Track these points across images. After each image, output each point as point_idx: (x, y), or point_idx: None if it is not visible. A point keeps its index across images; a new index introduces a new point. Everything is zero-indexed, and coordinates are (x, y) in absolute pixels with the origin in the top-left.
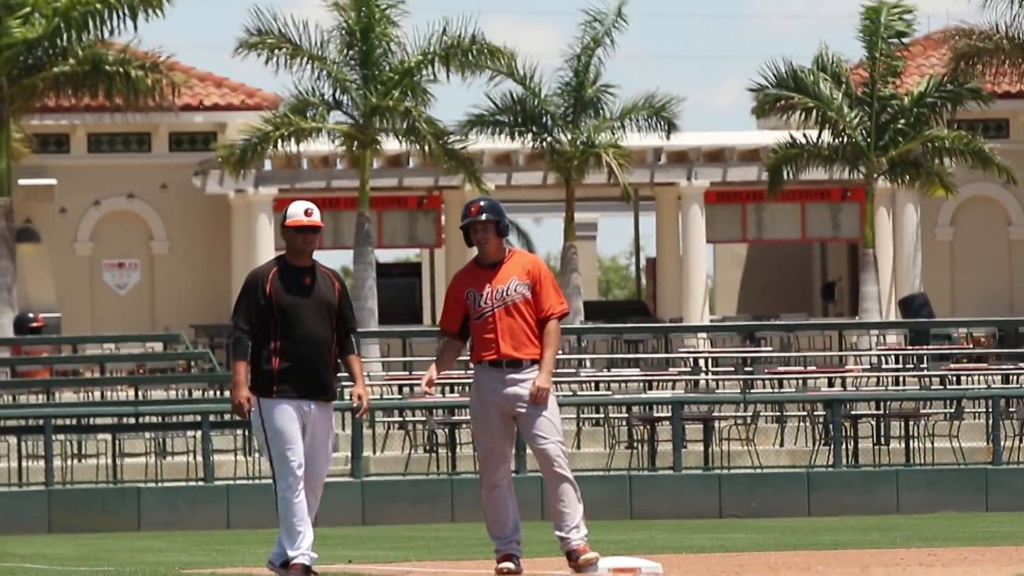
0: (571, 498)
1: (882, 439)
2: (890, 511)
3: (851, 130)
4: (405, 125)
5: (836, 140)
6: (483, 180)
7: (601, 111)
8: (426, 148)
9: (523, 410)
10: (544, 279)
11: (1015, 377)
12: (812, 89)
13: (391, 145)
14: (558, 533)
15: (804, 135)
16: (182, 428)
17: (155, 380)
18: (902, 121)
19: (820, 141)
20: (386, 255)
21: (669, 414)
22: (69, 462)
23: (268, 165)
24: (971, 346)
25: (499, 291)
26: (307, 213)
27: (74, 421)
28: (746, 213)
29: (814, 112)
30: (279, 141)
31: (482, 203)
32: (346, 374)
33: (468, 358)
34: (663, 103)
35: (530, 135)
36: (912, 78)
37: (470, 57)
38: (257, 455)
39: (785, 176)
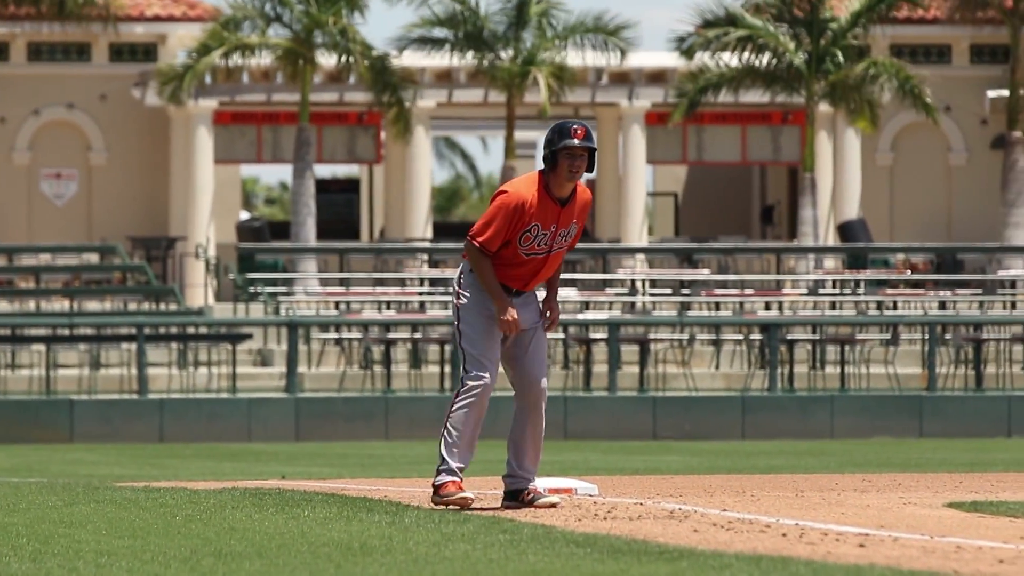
0: (542, 440)
1: (818, 364)
2: (824, 436)
3: (791, 54)
4: (342, 42)
5: (775, 64)
6: (423, 96)
7: (543, 29)
8: (360, 66)
9: (526, 328)
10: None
11: (952, 304)
12: (743, 19)
13: (331, 61)
14: (528, 470)
15: (739, 59)
16: (116, 340)
17: (90, 292)
18: (842, 43)
19: (758, 64)
20: (324, 170)
21: (605, 335)
22: (2, 372)
23: (208, 78)
24: (908, 272)
25: (561, 235)
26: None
27: (8, 332)
28: (686, 135)
29: (750, 42)
30: (226, 55)
31: (584, 128)
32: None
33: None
34: (616, 28)
35: (470, 52)
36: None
37: None
38: (192, 369)
39: (713, 99)
